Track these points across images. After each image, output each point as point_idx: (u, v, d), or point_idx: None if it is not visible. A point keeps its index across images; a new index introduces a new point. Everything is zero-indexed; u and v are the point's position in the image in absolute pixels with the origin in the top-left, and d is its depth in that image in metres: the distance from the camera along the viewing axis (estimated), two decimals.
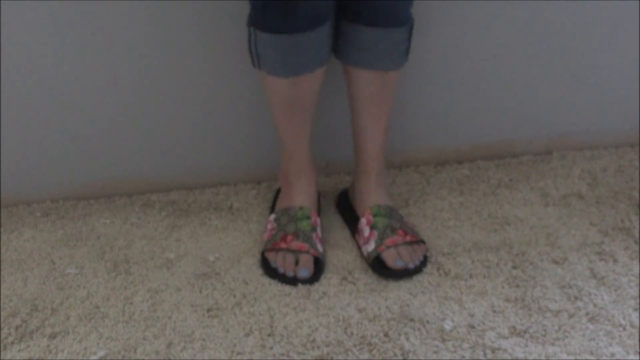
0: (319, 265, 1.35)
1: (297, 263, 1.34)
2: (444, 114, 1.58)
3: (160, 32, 1.42)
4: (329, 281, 1.33)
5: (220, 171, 1.59)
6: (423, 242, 1.37)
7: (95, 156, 1.55)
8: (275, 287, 1.32)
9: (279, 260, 1.35)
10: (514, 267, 1.34)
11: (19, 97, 1.46)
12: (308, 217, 1.39)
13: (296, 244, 1.34)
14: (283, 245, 1.35)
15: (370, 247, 1.35)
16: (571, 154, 1.62)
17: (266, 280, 1.34)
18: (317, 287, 1.31)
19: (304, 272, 1.33)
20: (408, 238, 1.35)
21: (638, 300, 1.25)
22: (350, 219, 1.45)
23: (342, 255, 1.39)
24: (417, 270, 1.33)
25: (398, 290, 1.30)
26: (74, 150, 1.53)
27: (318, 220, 1.41)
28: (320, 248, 1.36)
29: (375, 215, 1.38)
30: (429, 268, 1.35)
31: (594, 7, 1.48)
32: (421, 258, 1.35)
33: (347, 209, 1.47)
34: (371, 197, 1.41)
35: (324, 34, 1.25)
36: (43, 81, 1.45)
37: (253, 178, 1.60)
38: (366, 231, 1.37)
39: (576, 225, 1.43)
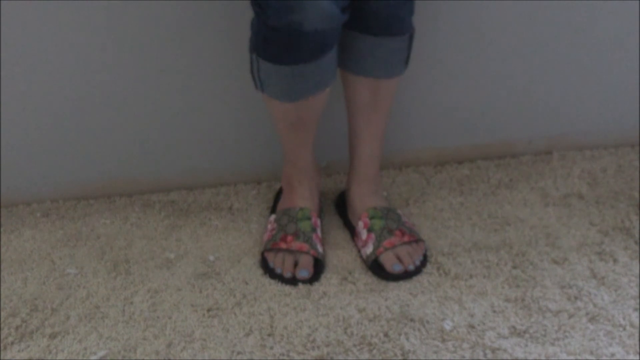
0: (318, 266, 1.35)
1: (296, 264, 1.34)
2: (444, 114, 1.58)
3: (160, 32, 1.42)
4: (329, 281, 1.33)
5: (220, 171, 1.59)
6: (422, 240, 1.38)
7: (95, 156, 1.55)
8: (275, 287, 1.32)
9: (277, 261, 1.35)
10: (514, 267, 1.34)
11: (18, 97, 1.46)
12: (308, 218, 1.38)
13: (296, 244, 1.34)
14: (283, 245, 1.35)
15: (368, 250, 1.35)
16: (571, 154, 1.62)
17: (266, 280, 1.34)
18: (317, 287, 1.31)
19: (304, 272, 1.33)
20: (406, 238, 1.35)
21: (638, 300, 1.25)
22: (349, 221, 1.45)
23: (342, 256, 1.39)
24: (417, 271, 1.33)
25: (398, 290, 1.30)
26: (74, 150, 1.53)
27: (318, 222, 1.40)
28: (320, 249, 1.36)
29: (371, 218, 1.38)
30: (428, 268, 1.35)
31: (594, 7, 1.48)
32: (421, 258, 1.35)
33: (346, 211, 1.47)
34: (366, 200, 1.41)
35: (330, 59, 1.22)
36: (43, 81, 1.45)
37: (253, 178, 1.60)
38: (364, 234, 1.37)
39: (576, 225, 1.43)
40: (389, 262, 1.33)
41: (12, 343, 1.23)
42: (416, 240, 1.36)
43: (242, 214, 1.52)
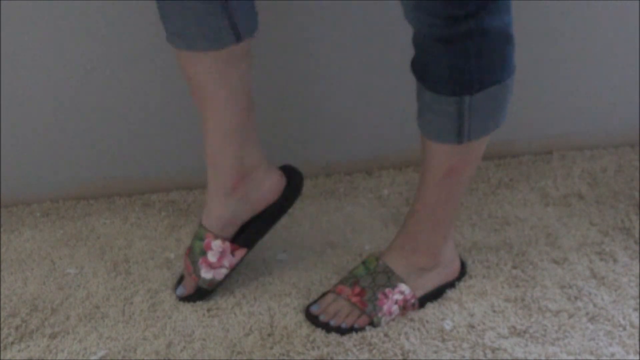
0: (201, 292, 1.29)
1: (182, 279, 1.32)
2: None
3: (159, 31, 1.42)
4: (329, 281, 1.33)
5: None
6: (372, 322, 1.22)
7: (95, 156, 1.55)
8: (275, 287, 1.32)
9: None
10: (514, 267, 1.34)
11: (18, 97, 1.46)
12: (201, 239, 1.27)
13: (186, 262, 1.30)
14: (185, 257, 1.31)
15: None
16: (571, 154, 1.62)
17: (266, 280, 1.34)
18: (318, 287, 1.31)
19: (181, 289, 1.30)
20: (355, 299, 1.22)
21: (638, 300, 1.25)
22: None
23: (342, 255, 1.39)
24: (338, 329, 1.22)
25: None
26: (74, 150, 1.53)
27: (215, 245, 1.26)
28: (205, 274, 1.27)
29: (364, 262, 1.27)
30: None
31: (594, 7, 1.48)
32: (351, 325, 1.22)
33: None
34: (389, 252, 1.26)
35: (195, 7, 1.09)
36: (43, 81, 1.45)
37: None
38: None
39: (576, 225, 1.43)
40: (321, 307, 1.24)
41: (12, 343, 1.23)
42: (364, 311, 1.22)
43: None
